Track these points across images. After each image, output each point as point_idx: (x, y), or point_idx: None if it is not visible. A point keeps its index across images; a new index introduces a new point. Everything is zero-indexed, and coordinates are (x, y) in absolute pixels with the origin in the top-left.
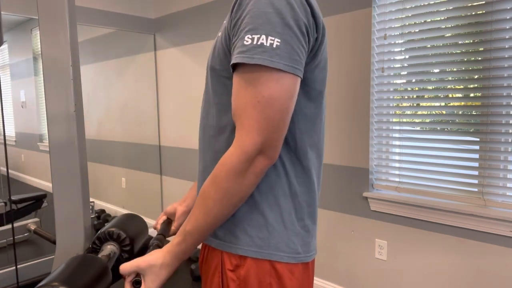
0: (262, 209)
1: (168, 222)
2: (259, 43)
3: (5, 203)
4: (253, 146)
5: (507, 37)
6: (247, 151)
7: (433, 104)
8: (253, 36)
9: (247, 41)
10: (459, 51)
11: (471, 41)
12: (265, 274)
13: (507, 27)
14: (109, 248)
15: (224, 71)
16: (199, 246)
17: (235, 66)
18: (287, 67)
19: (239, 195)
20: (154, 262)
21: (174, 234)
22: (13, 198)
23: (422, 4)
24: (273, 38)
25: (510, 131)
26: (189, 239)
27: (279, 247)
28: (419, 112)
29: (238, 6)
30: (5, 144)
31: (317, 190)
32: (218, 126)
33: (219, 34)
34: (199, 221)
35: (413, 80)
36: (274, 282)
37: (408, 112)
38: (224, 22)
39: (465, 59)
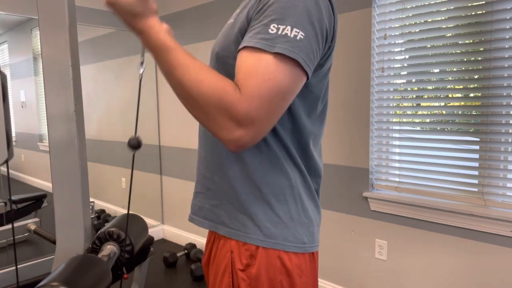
0: (269, 200)
1: None
2: (283, 33)
3: (5, 203)
4: (244, 114)
5: (507, 37)
6: (236, 111)
7: (433, 104)
8: (279, 26)
9: (272, 30)
10: (459, 51)
11: (471, 41)
12: (276, 272)
13: (507, 27)
14: (109, 248)
15: (233, 59)
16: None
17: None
18: (303, 62)
19: (194, 104)
20: (150, 4)
21: None
22: (13, 198)
23: (422, 4)
24: (297, 31)
25: (510, 131)
26: (161, 46)
27: (286, 237)
28: (419, 112)
29: None
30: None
31: (320, 178)
32: None
33: (231, 21)
34: (177, 59)
35: (413, 80)
36: (284, 280)
37: (408, 112)
38: (238, 10)
39: (465, 59)
